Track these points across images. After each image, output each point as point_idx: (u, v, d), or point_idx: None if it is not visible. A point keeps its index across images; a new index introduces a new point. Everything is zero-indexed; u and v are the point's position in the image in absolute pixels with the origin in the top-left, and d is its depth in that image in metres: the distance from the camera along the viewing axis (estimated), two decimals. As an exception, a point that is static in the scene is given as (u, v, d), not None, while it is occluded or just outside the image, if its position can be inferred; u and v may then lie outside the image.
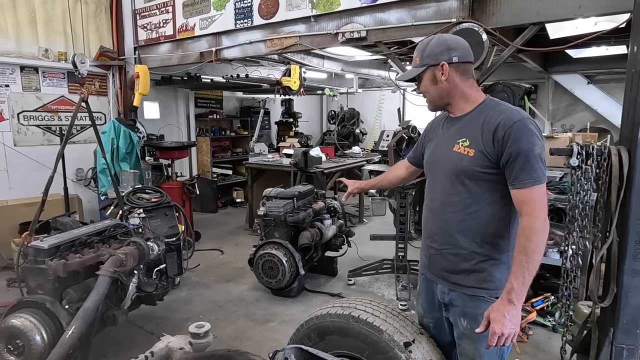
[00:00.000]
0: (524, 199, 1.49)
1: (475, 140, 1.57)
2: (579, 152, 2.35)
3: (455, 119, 1.71)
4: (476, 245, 1.61)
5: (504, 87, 3.43)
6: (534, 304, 3.61)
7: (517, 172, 1.49)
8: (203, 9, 5.38)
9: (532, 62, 5.79)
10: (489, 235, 1.60)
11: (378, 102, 9.64)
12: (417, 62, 1.67)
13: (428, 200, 1.80)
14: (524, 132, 1.48)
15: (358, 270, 4.36)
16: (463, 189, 1.61)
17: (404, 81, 1.77)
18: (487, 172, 1.56)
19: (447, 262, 1.70)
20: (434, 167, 1.77)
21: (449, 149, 1.67)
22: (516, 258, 1.48)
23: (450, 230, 1.66)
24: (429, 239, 1.78)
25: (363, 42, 4.15)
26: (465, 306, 1.67)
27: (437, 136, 1.81)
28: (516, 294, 1.44)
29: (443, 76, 1.63)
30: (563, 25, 3.90)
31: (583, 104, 6.94)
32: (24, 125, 5.61)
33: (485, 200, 1.59)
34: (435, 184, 1.75)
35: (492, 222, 1.60)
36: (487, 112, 1.59)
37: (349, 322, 1.85)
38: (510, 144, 1.48)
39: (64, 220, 3.30)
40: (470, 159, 1.57)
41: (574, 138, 4.91)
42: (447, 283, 1.71)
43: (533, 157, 1.48)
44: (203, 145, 7.88)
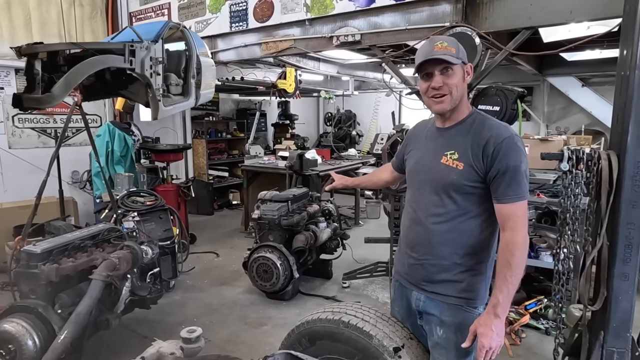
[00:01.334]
0: (508, 214, 1.51)
1: (465, 154, 1.57)
2: (569, 157, 2.37)
3: (442, 130, 1.68)
4: (458, 257, 1.62)
5: (497, 91, 3.44)
6: (527, 306, 3.62)
7: (504, 187, 1.50)
8: (198, 11, 5.40)
9: (527, 65, 5.82)
10: (471, 246, 1.61)
11: (374, 104, 9.66)
12: (454, 52, 1.54)
13: (411, 210, 1.77)
14: (512, 149, 1.50)
15: (353, 273, 4.37)
16: (450, 202, 1.60)
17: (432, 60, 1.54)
18: (474, 185, 1.56)
19: (426, 272, 1.69)
20: (419, 177, 1.74)
21: (436, 160, 1.64)
22: (500, 272, 1.49)
23: (433, 241, 1.65)
24: (409, 248, 1.76)
25: (357, 45, 4.17)
26: (442, 315, 1.66)
27: (421, 145, 1.78)
28: (501, 307, 1.47)
29: (468, 77, 1.61)
30: (556, 29, 3.93)
31: (578, 107, 6.98)
32: (19, 128, 5.59)
33: (470, 212, 1.60)
34: (419, 194, 1.72)
35: (474, 234, 1.61)
36: (476, 126, 1.59)
37: (339, 327, 1.86)
38: (499, 159, 1.49)
39: (58, 224, 3.30)
40: (459, 172, 1.57)
41: (568, 140, 4.94)
42: (424, 292, 1.71)
43: (519, 174, 1.50)
44: (199, 147, 7.87)
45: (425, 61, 1.57)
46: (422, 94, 1.67)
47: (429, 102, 1.65)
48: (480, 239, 1.61)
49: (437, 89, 1.58)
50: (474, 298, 1.63)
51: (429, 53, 1.56)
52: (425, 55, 1.57)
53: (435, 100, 1.61)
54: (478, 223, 1.60)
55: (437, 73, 1.57)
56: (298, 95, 6.29)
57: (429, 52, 1.56)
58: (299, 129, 9.90)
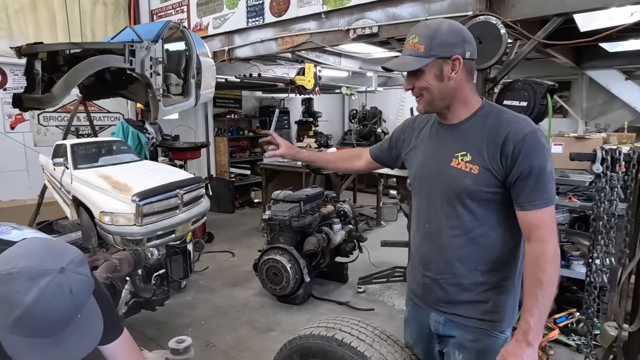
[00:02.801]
0: (534, 222, 1.29)
1: (479, 155, 1.34)
2: (603, 158, 2.10)
3: (448, 127, 1.45)
4: (479, 274, 1.41)
5: (524, 85, 3.14)
6: (556, 320, 3.32)
7: (528, 192, 1.29)
8: (216, 7, 5.33)
9: (563, 58, 5.40)
10: (493, 261, 1.40)
11: (399, 100, 9.35)
12: (422, 50, 1.33)
13: (421, 222, 1.54)
14: (536, 147, 1.28)
15: (368, 278, 4.17)
16: (464, 211, 1.38)
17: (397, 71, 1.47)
18: (492, 191, 1.34)
19: (444, 293, 1.47)
20: (428, 183, 1.50)
21: (445, 163, 1.42)
22: (530, 292, 1.28)
23: (449, 257, 1.44)
24: (422, 266, 1.54)
25: (374, 38, 3.97)
26: (463, 338, 1.46)
27: (424, 144, 1.53)
28: (533, 333, 1.25)
29: (453, 72, 1.35)
30: (595, 16, 3.57)
31: (620, 102, 6.47)
32: (44, 126, 5.72)
33: (490, 223, 1.38)
34: (429, 203, 1.49)
35: (496, 247, 1.39)
36: (490, 121, 1.37)
37: (332, 345, 1.69)
38: (521, 159, 1.28)
39: (64, 222, 3.28)
40: (474, 177, 1.34)
41: (608, 139, 4.54)
42: (444, 314, 1.49)
43: (545, 176, 1.28)
44: (221, 145, 7.86)
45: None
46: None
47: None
48: (503, 253, 1.40)
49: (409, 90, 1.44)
50: (501, 320, 1.42)
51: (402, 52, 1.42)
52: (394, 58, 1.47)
53: (416, 100, 1.45)
54: (499, 234, 1.39)
55: (408, 76, 1.40)
56: (318, 92, 6.13)
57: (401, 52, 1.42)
58: (322, 126, 9.74)
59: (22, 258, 0.91)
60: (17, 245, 0.97)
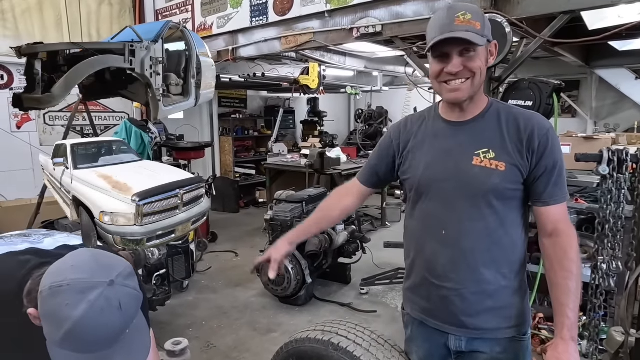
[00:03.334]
0: (558, 217, 1.29)
1: (503, 151, 1.27)
2: (609, 159, 2.04)
3: (458, 124, 1.35)
4: (502, 277, 1.33)
5: (530, 84, 3.08)
6: (562, 324, 3.25)
7: (552, 187, 1.27)
8: (220, 7, 5.32)
9: (571, 57, 5.31)
10: (514, 262, 1.35)
11: (404, 100, 9.29)
12: (479, 27, 1.20)
13: (434, 229, 1.39)
14: (556, 142, 1.28)
15: (371, 279, 4.13)
16: (490, 212, 1.30)
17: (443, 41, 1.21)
18: (516, 188, 1.30)
19: (465, 305, 1.35)
20: (443, 186, 1.35)
21: (465, 162, 1.31)
22: (562, 286, 1.24)
23: (474, 263, 1.33)
24: (437, 278, 1.40)
25: (378, 37, 3.93)
26: (493, 351, 1.37)
27: (428, 144, 1.41)
28: (575, 327, 1.22)
29: (492, 58, 1.28)
30: (603, 14, 3.50)
31: (631, 102, 6.36)
32: (50, 126, 5.76)
33: (511, 222, 1.33)
34: (446, 208, 1.36)
35: (517, 246, 1.35)
36: (504, 117, 1.31)
37: (328, 349, 1.65)
38: (547, 154, 1.26)
39: (65, 222, 3.28)
40: (501, 174, 1.27)
41: (617, 139, 4.46)
42: (466, 329, 1.37)
43: (564, 171, 1.30)
44: (226, 145, 7.85)
45: (442, 41, 1.22)
46: (432, 77, 1.32)
47: (441, 89, 1.31)
48: (522, 252, 1.36)
49: (454, 74, 1.25)
50: (524, 322, 1.38)
51: (446, 28, 1.21)
52: (441, 30, 1.21)
53: (450, 87, 1.28)
54: (518, 233, 1.35)
55: (456, 55, 1.23)
56: (322, 92, 6.10)
57: (446, 26, 1.21)
58: (328, 126, 9.70)
59: (72, 270, 0.90)
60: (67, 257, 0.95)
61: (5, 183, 5.31)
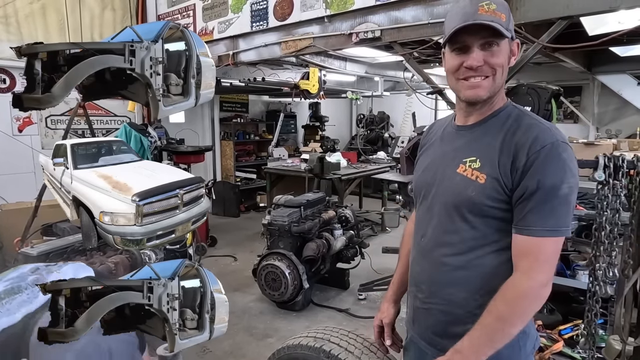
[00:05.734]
0: (524, 250, 1.11)
1: (490, 162, 1.15)
2: (605, 165, 2.03)
3: (464, 129, 1.26)
4: (474, 304, 1.19)
5: (528, 90, 3.08)
6: (561, 332, 3.21)
7: (528, 212, 1.09)
8: (221, 12, 5.35)
9: (572, 62, 5.30)
10: (492, 291, 1.15)
11: (406, 105, 9.29)
12: (504, 20, 1.10)
13: (417, 236, 1.35)
14: (553, 161, 1.07)
15: (370, 285, 4.11)
16: (465, 227, 1.19)
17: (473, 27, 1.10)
18: (498, 207, 1.14)
19: (434, 321, 1.29)
20: (428, 190, 1.30)
21: (451, 168, 1.23)
22: (483, 318, 1.12)
23: (443, 279, 1.25)
24: (414, 286, 1.36)
25: (377, 42, 3.93)
26: None
27: (433, 147, 1.36)
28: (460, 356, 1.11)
29: (513, 58, 1.18)
30: (604, 20, 3.49)
31: (633, 108, 6.33)
32: (51, 129, 5.78)
33: (493, 244, 1.18)
34: (428, 214, 1.29)
35: (498, 274, 1.16)
36: (510, 124, 1.17)
37: (320, 356, 1.65)
38: (531, 173, 1.08)
39: (63, 225, 3.29)
40: (479, 187, 1.15)
41: (618, 145, 4.43)
42: (435, 350, 1.27)
43: (556, 198, 1.07)
44: (227, 149, 7.87)
45: (464, 28, 1.09)
46: (449, 72, 1.20)
47: (458, 86, 1.19)
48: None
49: (474, 69, 1.13)
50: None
51: (469, 16, 1.09)
52: (463, 18, 1.10)
53: (468, 84, 1.16)
54: (503, 259, 1.17)
55: (477, 48, 1.12)
56: (322, 96, 6.10)
57: (469, 14, 1.09)
58: (329, 130, 9.71)
59: None
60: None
61: (6, 186, 5.33)
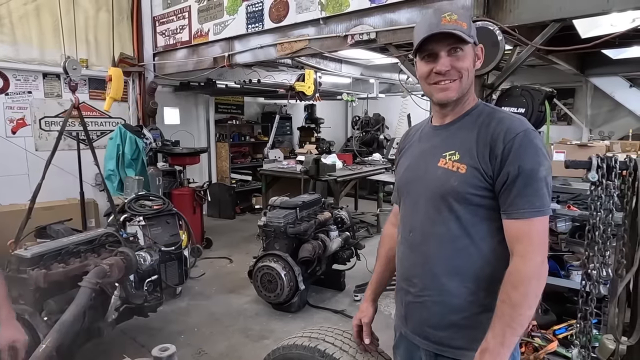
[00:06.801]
0: (518, 233, 1.17)
1: (468, 153, 1.24)
2: (598, 165, 2.05)
3: (440, 128, 1.36)
4: (468, 292, 1.25)
5: (522, 91, 3.10)
6: (556, 331, 3.23)
7: (514, 197, 1.17)
8: (217, 13, 5.35)
9: (566, 65, 5.34)
10: (484, 278, 1.24)
11: (401, 107, 9.32)
12: (465, 27, 1.22)
13: (405, 232, 1.40)
14: (528, 147, 1.17)
15: (365, 286, 4.10)
16: (451, 217, 1.25)
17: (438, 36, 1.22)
18: (481, 194, 1.22)
19: (429, 314, 1.32)
20: (412, 186, 1.38)
21: (432, 164, 1.31)
22: (498, 309, 1.15)
23: (435, 270, 1.29)
24: (405, 281, 1.39)
25: (372, 44, 3.94)
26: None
27: (412, 148, 1.46)
28: (491, 356, 1.12)
29: (479, 62, 1.30)
30: (596, 22, 3.53)
31: (625, 109, 6.39)
32: (45, 131, 5.74)
33: (480, 232, 1.24)
34: (414, 209, 1.37)
35: (489, 261, 1.24)
36: (482, 119, 1.28)
37: (314, 355, 1.65)
38: (510, 160, 1.17)
39: (57, 227, 3.27)
40: (460, 177, 1.23)
41: (611, 146, 4.47)
42: (430, 343, 1.32)
43: (537, 181, 1.16)
44: (222, 150, 7.86)
45: (429, 37, 1.22)
46: (421, 78, 1.32)
47: (430, 90, 1.30)
48: (496, 268, 1.22)
49: (442, 73, 1.25)
50: None
51: (434, 26, 1.22)
52: (429, 29, 1.22)
53: (439, 87, 1.27)
54: (491, 247, 1.24)
55: (444, 54, 1.24)
56: (318, 98, 6.12)
57: (433, 25, 1.22)
58: (325, 132, 9.72)
59: None
60: None
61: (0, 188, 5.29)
